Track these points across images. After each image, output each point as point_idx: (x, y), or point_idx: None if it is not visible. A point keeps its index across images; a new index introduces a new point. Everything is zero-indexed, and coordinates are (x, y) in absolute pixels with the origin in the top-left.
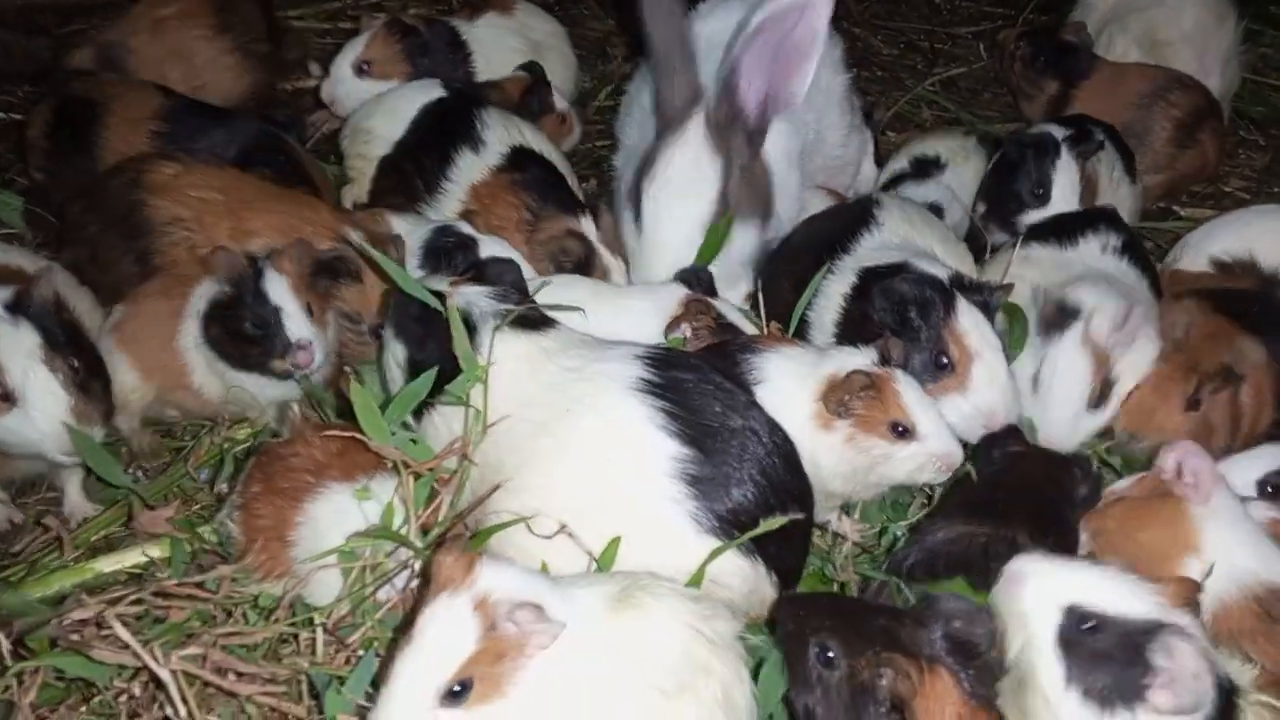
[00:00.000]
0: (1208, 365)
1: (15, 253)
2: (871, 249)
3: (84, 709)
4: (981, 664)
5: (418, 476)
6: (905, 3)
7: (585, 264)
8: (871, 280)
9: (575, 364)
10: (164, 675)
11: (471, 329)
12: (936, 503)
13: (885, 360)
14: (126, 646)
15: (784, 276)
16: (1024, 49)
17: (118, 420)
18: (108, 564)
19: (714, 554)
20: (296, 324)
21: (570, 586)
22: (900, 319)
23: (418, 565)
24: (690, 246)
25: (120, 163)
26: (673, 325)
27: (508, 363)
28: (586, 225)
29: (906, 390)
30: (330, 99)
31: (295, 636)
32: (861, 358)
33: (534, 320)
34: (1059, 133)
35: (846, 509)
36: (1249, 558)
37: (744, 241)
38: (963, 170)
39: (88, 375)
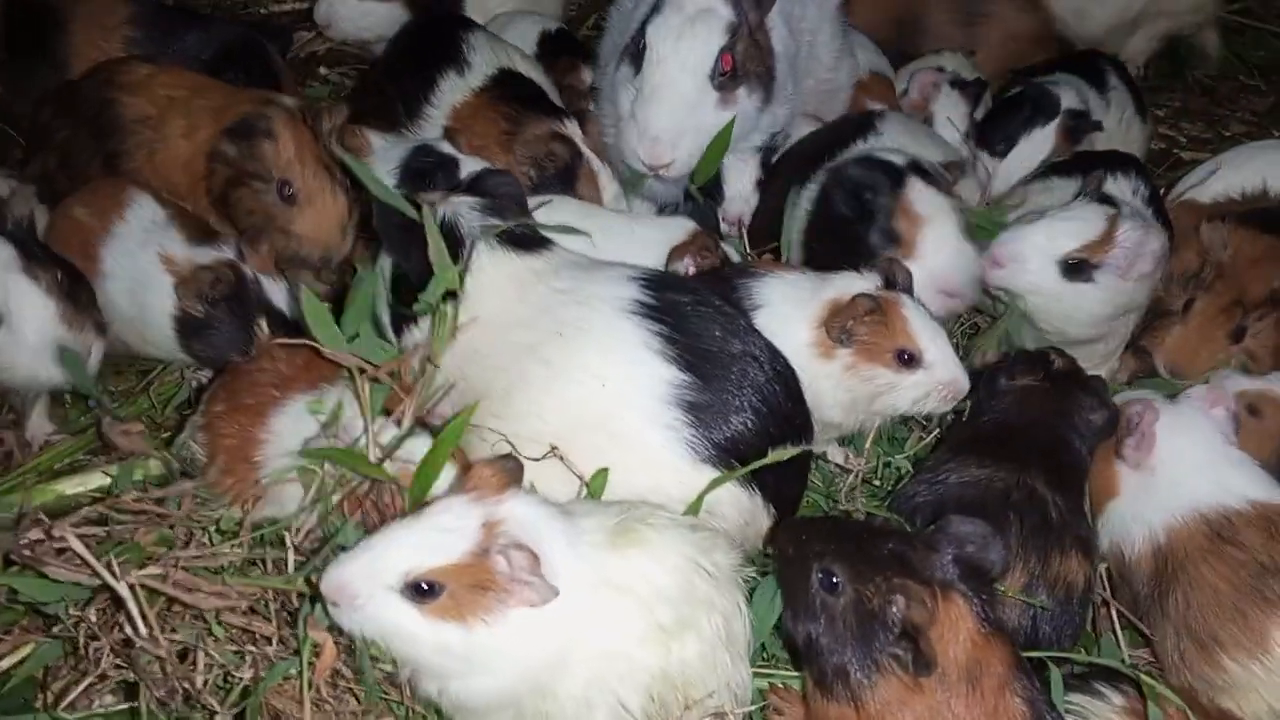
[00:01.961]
0: (1255, 293)
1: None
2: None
3: (40, 635)
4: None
5: (375, 382)
6: None
7: (570, 169)
8: (830, 176)
9: (567, 286)
10: (122, 590)
11: (459, 242)
12: (941, 436)
13: (890, 284)
14: (83, 565)
15: (774, 193)
16: None
17: None
18: (70, 485)
19: (713, 484)
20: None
21: (571, 517)
22: (856, 204)
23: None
24: (698, 89)
25: (97, 65)
26: (675, 255)
27: (496, 281)
28: (571, 129)
29: (914, 316)
30: (326, 20)
31: (262, 557)
32: (865, 282)
33: (527, 239)
34: (1066, 91)
35: (844, 439)
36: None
37: (746, 108)
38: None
39: (72, 284)
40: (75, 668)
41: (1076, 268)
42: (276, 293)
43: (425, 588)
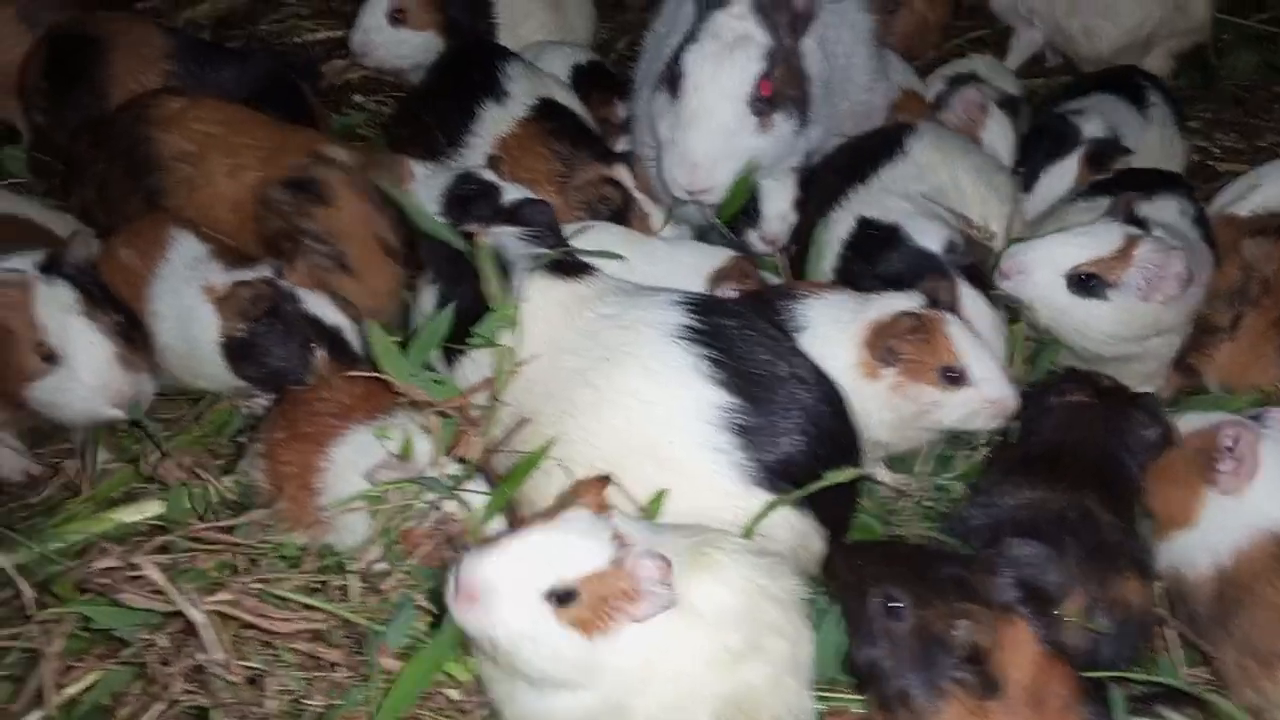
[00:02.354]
0: None
1: (45, 211)
2: (884, 186)
3: (110, 662)
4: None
5: (444, 416)
6: None
7: (622, 211)
8: (866, 233)
9: (613, 311)
10: (197, 617)
11: (505, 272)
12: (991, 456)
13: (934, 303)
14: (157, 592)
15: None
16: None
17: None
18: (128, 514)
19: (769, 507)
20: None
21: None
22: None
23: (453, 507)
24: (737, 116)
25: (129, 100)
26: (717, 280)
27: (543, 308)
28: (622, 172)
29: (957, 332)
30: (362, 49)
31: (324, 584)
32: (908, 301)
33: (570, 266)
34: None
35: (890, 460)
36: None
37: (782, 132)
38: (1003, 83)
39: (129, 326)
40: (144, 692)
41: (1086, 283)
42: (318, 305)
43: (567, 594)
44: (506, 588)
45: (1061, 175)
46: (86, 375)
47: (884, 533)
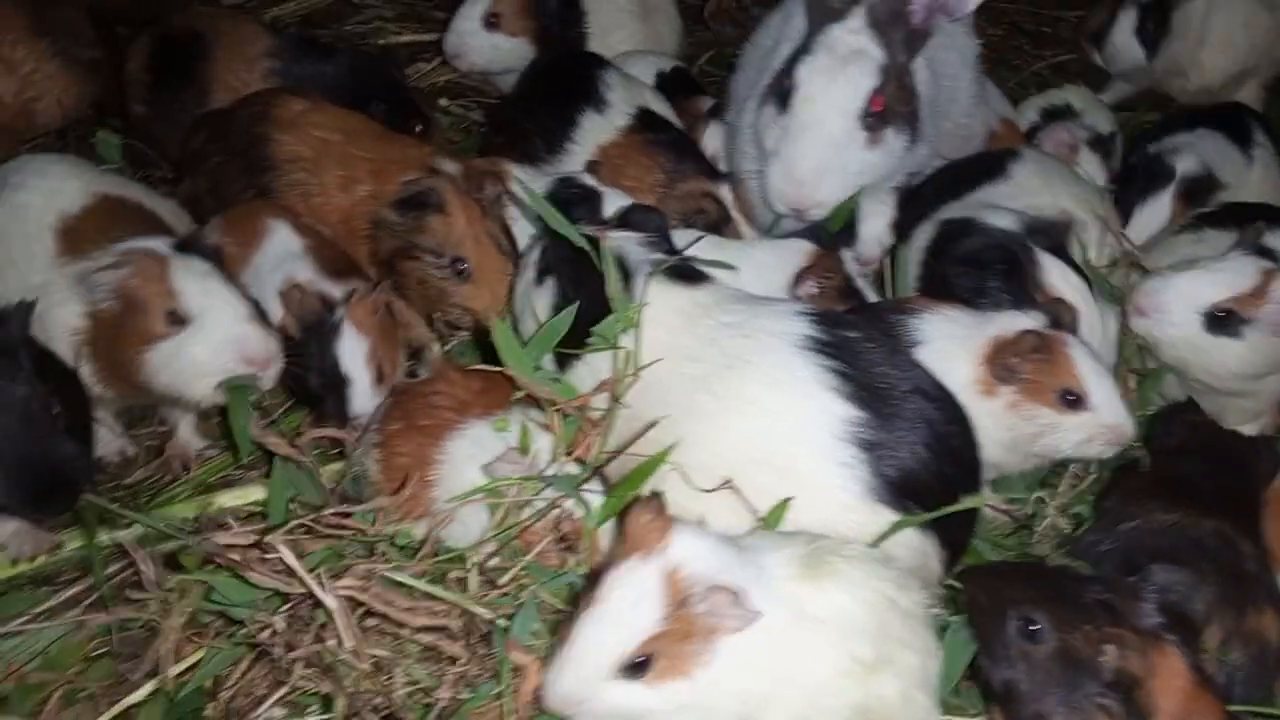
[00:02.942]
0: None
1: (154, 197)
2: (981, 199)
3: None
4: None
5: (565, 415)
6: None
7: (716, 228)
8: (944, 230)
9: (733, 319)
10: (330, 602)
11: (625, 276)
12: (1110, 481)
13: (1056, 324)
14: (283, 572)
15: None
16: None
17: None
18: (229, 499)
19: (896, 527)
20: (361, 399)
21: (754, 549)
22: (978, 285)
23: (574, 505)
24: (847, 130)
25: (250, 95)
26: (799, 278)
27: (663, 313)
28: (723, 190)
29: (1080, 356)
30: (456, 51)
31: (441, 576)
32: (1029, 320)
33: (689, 272)
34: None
35: (994, 484)
36: None
37: (892, 148)
38: (1095, 120)
39: (255, 306)
40: (245, 676)
41: (1223, 320)
42: (355, 352)
43: (640, 662)
44: (583, 691)
45: (1155, 213)
46: (218, 332)
47: (993, 557)
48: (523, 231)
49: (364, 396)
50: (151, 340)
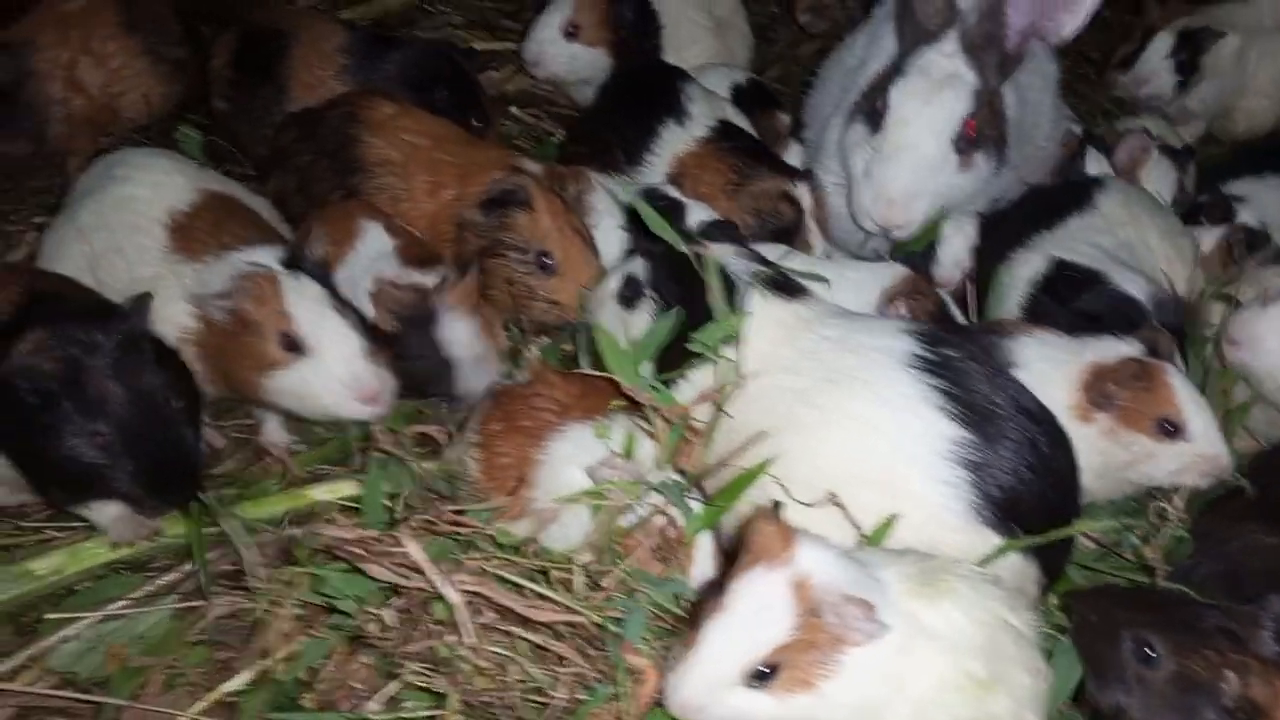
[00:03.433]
0: None
1: (247, 193)
2: (1074, 232)
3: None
4: None
5: (670, 423)
6: None
7: (789, 231)
8: (1062, 275)
9: (835, 333)
10: (453, 597)
11: (730, 288)
12: (1207, 504)
13: (1154, 353)
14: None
15: (987, 256)
16: None
17: None
18: (321, 492)
19: (1001, 550)
20: (468, 379)
21: (869, 563)
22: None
23: (674, 513)
24: (940, 152)
25: (341, 96)
26: (890, 300)
27: (765, 326)
28: (801, 191)
29: (1179, 385)
30: (535, 59)
31: (545, 576)
32: (1127, 347)
33: (790, 286)
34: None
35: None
36: None
37: (982, 172)
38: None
39: (366, 323)
40: (343, 667)
41: None
42: (461, 336)
43: (766, 671)
44: (707, 697)
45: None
46: (337, 368)
47: (1081, 581)
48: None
49: (471, 376)
50: (268, 366)
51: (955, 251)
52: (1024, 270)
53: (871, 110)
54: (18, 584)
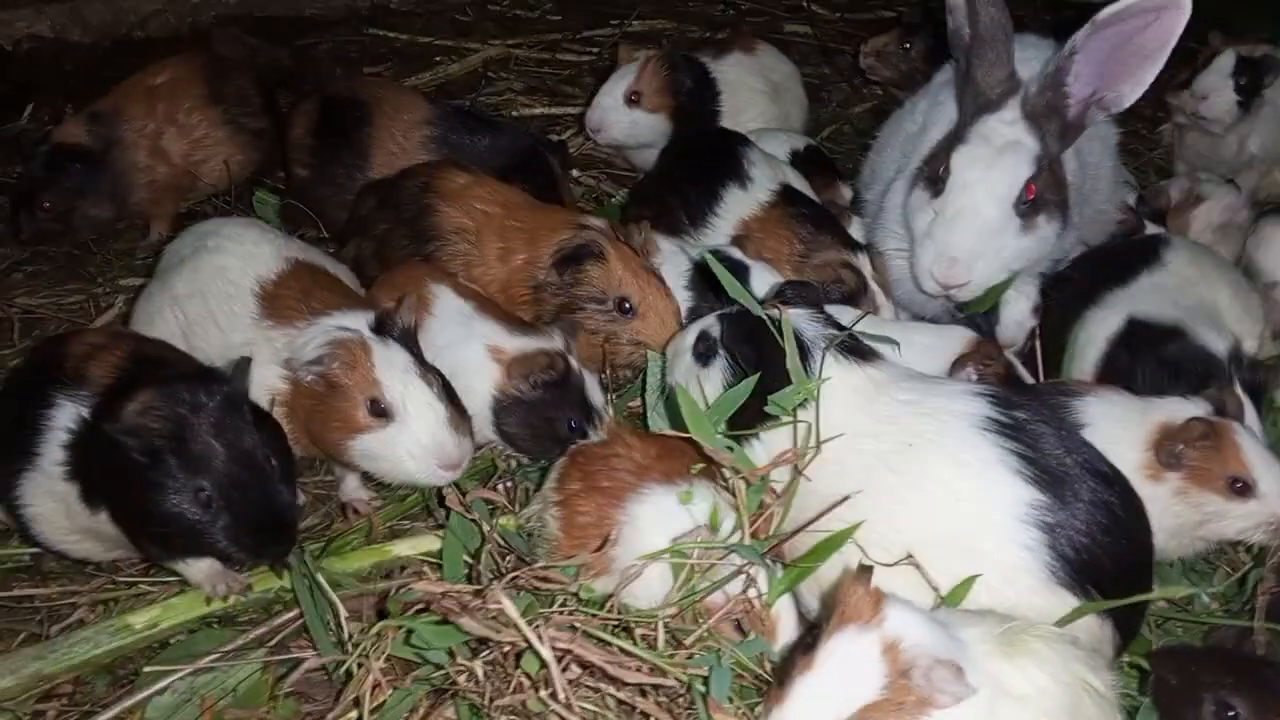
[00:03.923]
0: None
1: (330, 260)
2: (1147, 290)
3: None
4: None
5: (748, 484)
6: None
7: (855, 296)
8: (1142, 329)
9: (911, 397)
10: (545, 653)
11: (804, 351)
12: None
13: (1220, 412)
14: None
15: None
16: None
17: None
18: (403, 548)
19: (1079, 611)
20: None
21: (950, 625)
22: (1166, 388)
23: (757, 574)
24: (1002, 216)
25: (417, 166)
26: (959, 365)
27: (840, 389)
28: (861, 260)
29: (1248, 444)
30: (598, 125)
31: (628, 633)
32: (1195, 407)
33: (862, 349)
34: None
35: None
36: None
37: (1044, 235)
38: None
39: (449, 390)
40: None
41: None
42: (592, 386)
43: None
44: None
45: None
46: (423, 435)
47: (1154, 642)
48: None
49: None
50: (356, 431)
51: (1019, 313)
52: (1100, 329)
53: (934, 176)
54: (116, 637)
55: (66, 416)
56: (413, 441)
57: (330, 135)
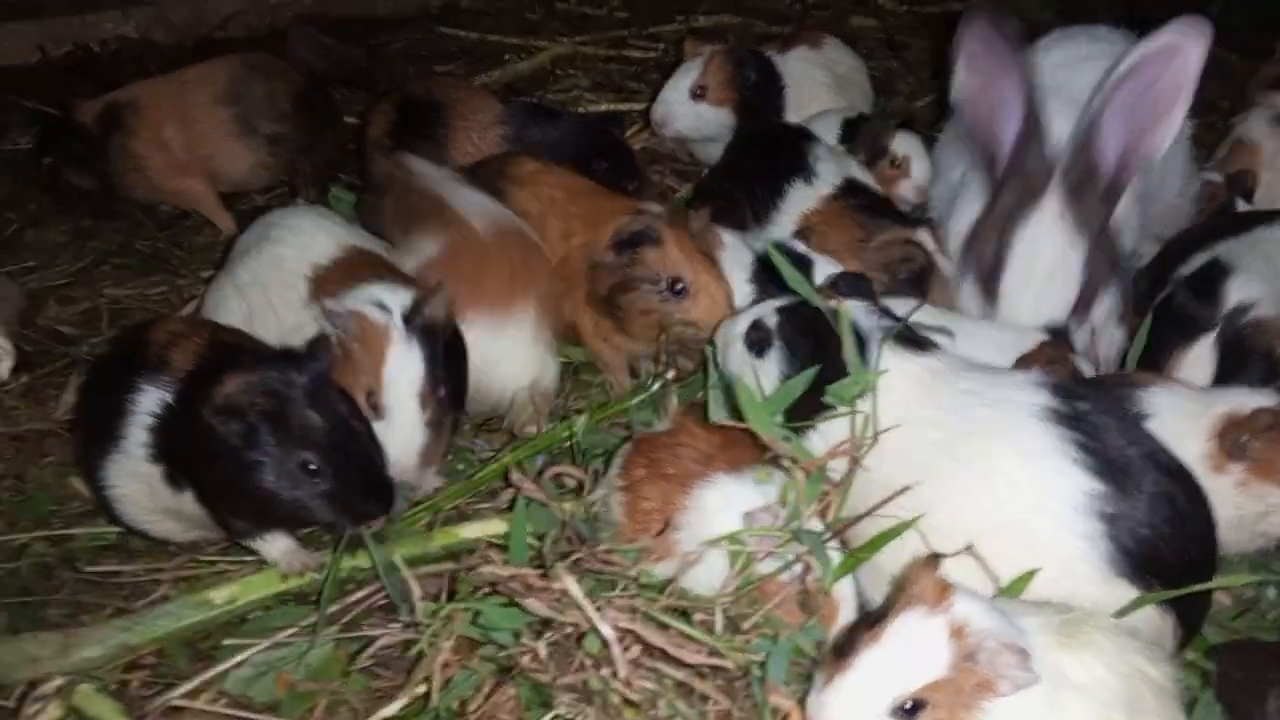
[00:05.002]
0: None
1: (389, 251)
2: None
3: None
4: None
5: (808, 474)
6: None
7: (923, 274)
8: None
9: (972, 387)
10: (607, 632)
11: (860, 343)
12: None
13: None
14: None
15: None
16: None
17: None
18: (471, 531)
19: (1138, 603)
20: None
21: (1011, 614)
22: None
23: (816, 559)
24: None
25: (490, 156)
26: (1024, 364)
27: (899, 381)
28: (924, 236)
29: None
30: (661, 120)
31: (687, 616)
32: (1261, 398)
33: (920, 340)
34: None
35: None
36: None
37: (1104, 308)
38: None
39: (445, 411)
40: (489, 699)
41: None
42: None
43: (915, 707)
44: (854, 716)
45: None
46: (392, 450)
47: (1216, 638)
48: None
49: None
50: None
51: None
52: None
53: (984, 279)
54: (197, 612)
55: (150, 401)
56: (389, 445)
57: (408, 136)
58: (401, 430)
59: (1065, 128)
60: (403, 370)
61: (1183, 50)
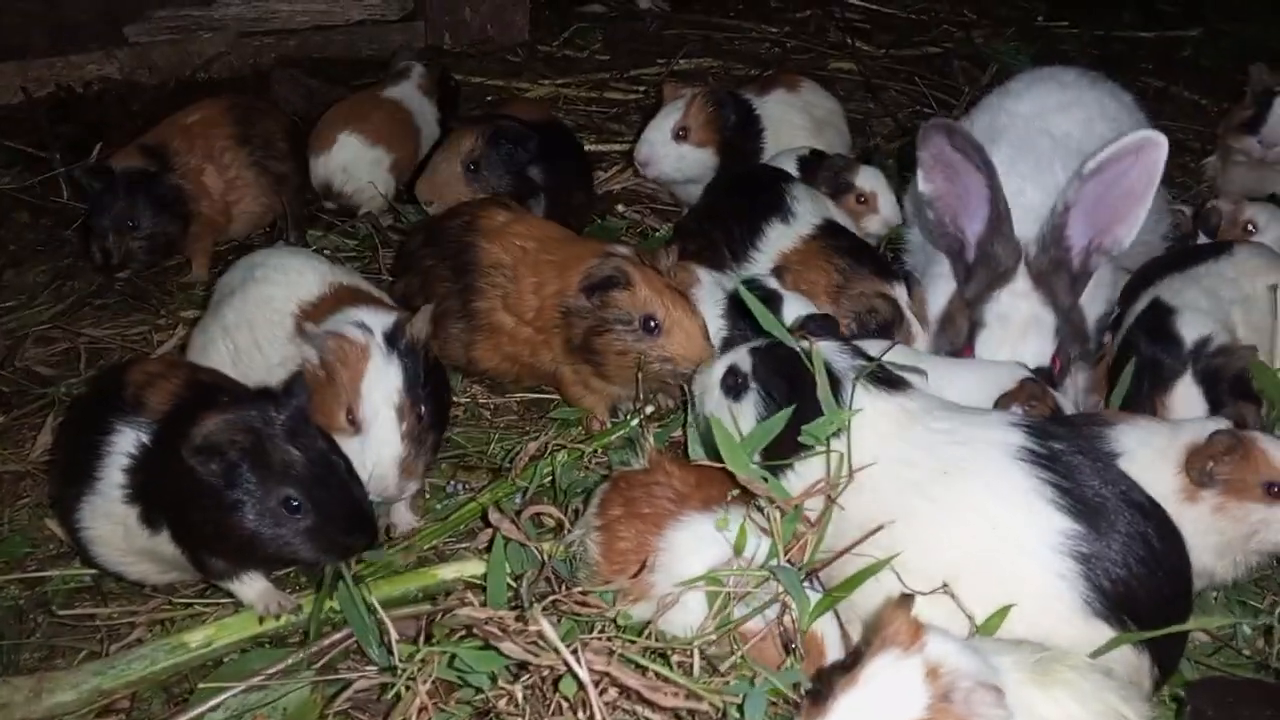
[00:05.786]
0: None
1: (374, 288)
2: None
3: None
4: None
5: (783, 513)
6: (1170, 102)
7: (890, 326)
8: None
9: (946, 426)
10: (584, 676)
11: (834, 383)
12: None
13: (1241, 426)
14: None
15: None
16: None
17: None
18: (448, 571)
19: (1115, 642)
20: None
21: (985, 653)
22: None
23: (791, 599)
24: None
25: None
26: (1004, 402)
27: (873, 419)
28: (898, 290)
29: (1273, 448)
30: (645, 160)
31: (664, 659)
32: (1217, 422)
33: (894, 379)
34: None
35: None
36: None
37: (1074, 385)
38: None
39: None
40: None
41: None
42: None
43: None
44: None
45: None
46: (370, 464)
47: (1194, 675)
48: None
49: None
50: (333, 427)
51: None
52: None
53: (954, 350)
54: (172, 655)
55: (126, 441)
56: (367, 461)
57: None
58: (379, 440)
59: (1035, 195)
60: (380, 382)
61: (1148, 147)
